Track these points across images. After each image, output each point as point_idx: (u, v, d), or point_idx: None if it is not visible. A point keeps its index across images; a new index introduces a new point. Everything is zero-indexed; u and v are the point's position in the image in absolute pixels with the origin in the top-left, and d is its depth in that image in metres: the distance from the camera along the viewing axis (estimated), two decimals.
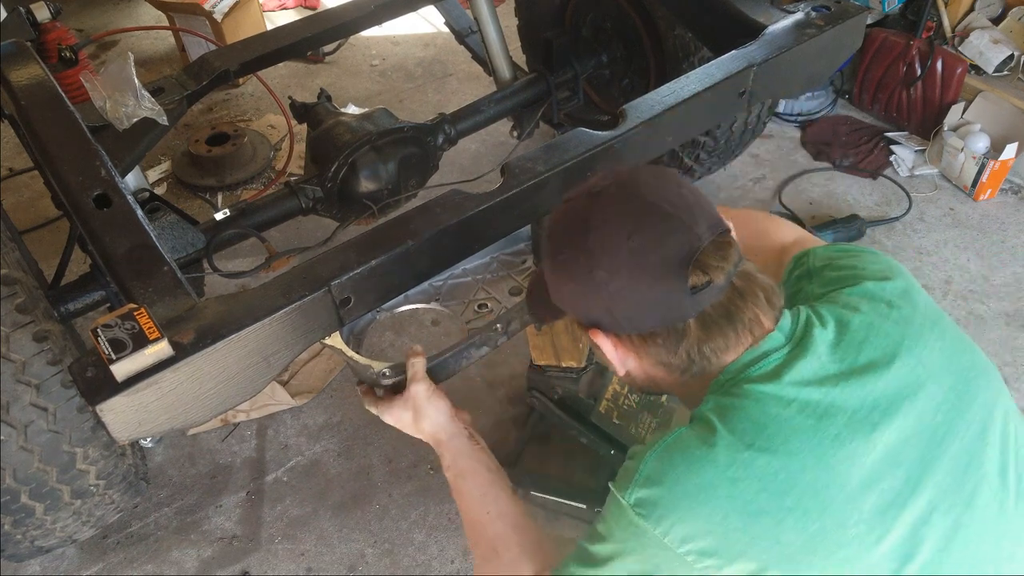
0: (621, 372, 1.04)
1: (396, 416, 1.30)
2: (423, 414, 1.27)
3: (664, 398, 1.85)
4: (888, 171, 2.89)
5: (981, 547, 0.92)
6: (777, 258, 1.24)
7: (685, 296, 0.91)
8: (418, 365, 1.28)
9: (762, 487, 0.87)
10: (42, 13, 2.40)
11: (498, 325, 1.43)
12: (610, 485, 0.97)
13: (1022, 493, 0.95)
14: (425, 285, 1.61)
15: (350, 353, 1.38)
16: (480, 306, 1.57)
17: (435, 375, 1.33)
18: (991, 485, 0.93)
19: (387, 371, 1.34)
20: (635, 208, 0.93)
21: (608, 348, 1.00)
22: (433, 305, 1.61)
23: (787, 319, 0.97)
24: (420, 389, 1.27)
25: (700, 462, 0.90)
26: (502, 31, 2.30)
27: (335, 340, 1.40)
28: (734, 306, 0.94)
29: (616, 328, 0.98)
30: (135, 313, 1.12)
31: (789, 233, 1.33)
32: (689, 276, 0.90)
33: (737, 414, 0.91)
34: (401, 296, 1.58)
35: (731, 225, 0.97)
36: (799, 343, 0.95)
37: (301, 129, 2.30)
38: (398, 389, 1.33)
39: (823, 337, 0.95)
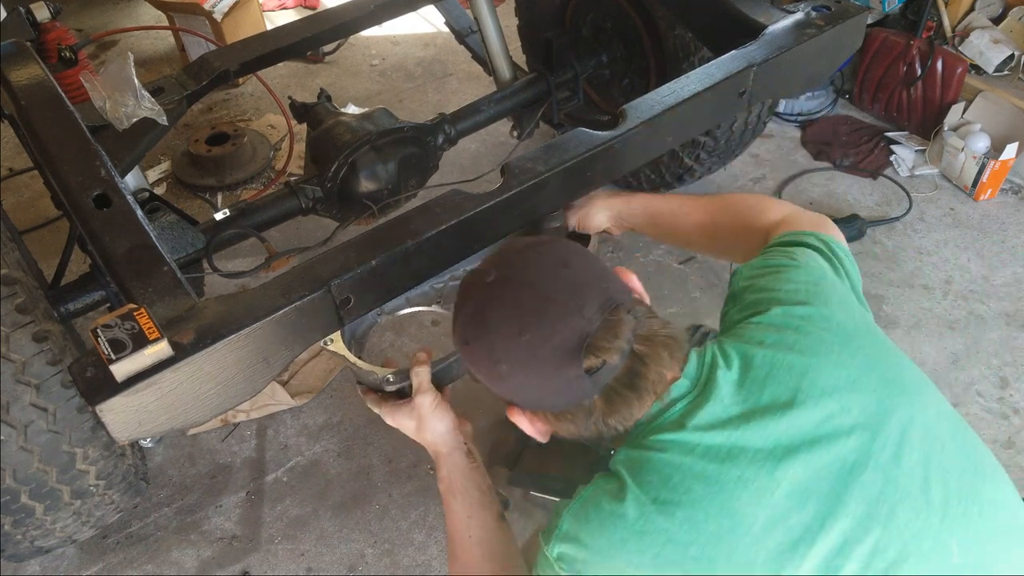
0: (543, 439, 1.08)
1: (399, 421, 1.31)
2: (426, 425, 1.28)
3: None
4: (888, 171, 2.89)
5: (909, 565, 0.89)
6: (763, 242, 1.23)
7: (583, 379, 0.94)
8: (423, 375, 1.28)
9: (668, 539, 0.89)
10: (42, 13, 2.40)
11: None
12: (539, 536, 1.01)
13: (949, 504, 0.92)
14: (426, 287, 1.60)
15: (353, 359, 1.38)
16: None
17: (438, 380, 1.33)
18: (913, 504, 0.90)
19: (391, 377, 1.34)
20: (524, 300, 0.96)
21: (525, 425, 1.05)
22: (434, 307, 1.61)
23: (693, 363, 0.99)
24: (426, 400, 1.27)
25: (611, 518, 0.93)
26: (502, 31, 2.30)
27: (338, 346, 1.40)
28: (635, 374, 0.96)
29: (530, 407, 1.03)
30: (135, 313, 1.12)
31: (775, 212, 1.30)
32: (583, 361, 0.93)
33: (644, 467, 0.94)
34: (402, 298, 1.58)
35: (634, 286, 1.01)
36: (704, 388, 0.97)
37: (301, 129, 2.30)
38: (403, 394, 1.33)
39: (726, 379, 0.96)
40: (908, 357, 1.04)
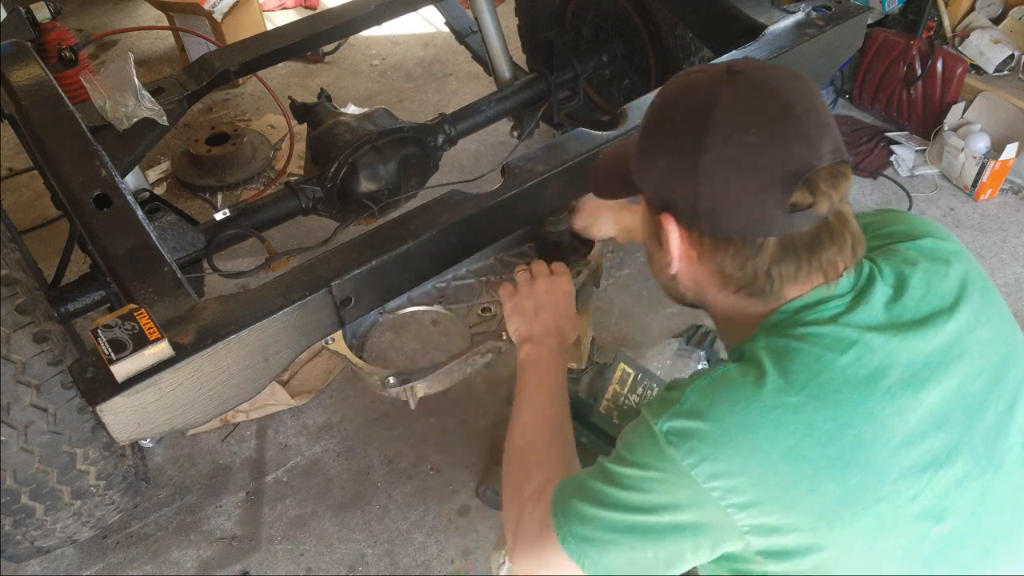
0: (672, 270, 0.98)
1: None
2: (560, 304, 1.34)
3: None
4: (888, 171, 2.89)
5: (1005, 515, 0.92)
6: None
7: (780, 211, 0.85)
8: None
9: (807, 434, 0.84)
10: (42, 13, 2.40)
11: (504, 333, 1.44)
12: (642, 410, 0.93)
13: None
14: (428, 287, 1.61)
15: (354, 359, 1.39)
16: (484, 309, 1.57)
17: (439, 382, 1.34)
18: (1017, 456, 0.93)
19: (391, 379, 1.34)
20: (768, 103, 0.87)
21: (674, 239, 0.94)
22: (436, 308, 1.61)
23: (851, 271, 0.93)
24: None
25: (746, 401, 0.86)
26: (502, 31, 2.30)
27: (339, 345, 1.41)
28: (819, 242, 0.88)
29: (692, 221, 0.91)
30: (135, 313, 1.12)
31: None
32: (794, 192, 0.84)
33: (791, 356, 0.88)
34: (404, 298, 1.58)
35: (850, 158, 0.92)
36: (859, 295, 0.92)
37: (301, 129, 2.30)
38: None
39: (882, 292, 0.92)
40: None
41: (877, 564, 0.88)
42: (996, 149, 2.69)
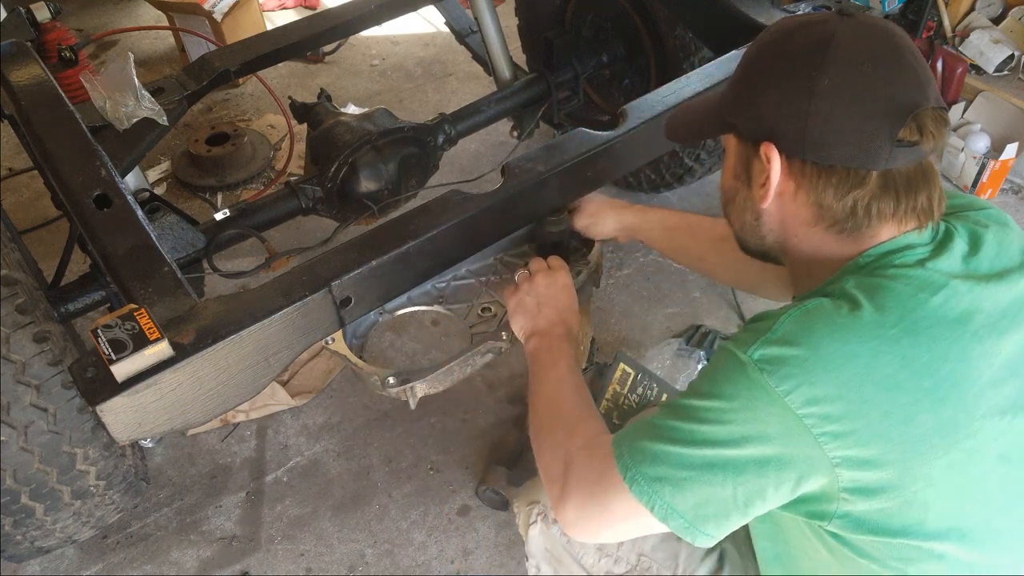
0: (764, 203, 0.98)
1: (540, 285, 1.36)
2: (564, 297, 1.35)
3: (665, 397, 1.85)
4: None
5: None
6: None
7: (887, 144, 0.89)
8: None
9: (904, 365, 0.85)
10: (42, 13, 2.40)
11: (504, 333, 1.44)
12: (726, 345, 0.92)
13: None
14: (428, 287, 1.61)
15: (354, 359, 1.39)
16: (484, 309, 1.57)
17: (439, 382, 1.34)
18: None
19: (391, 379, 1.35)
20: (883, 42, 0.91)
21: (775, 167, 0.95)
22: (436, 307, 1.61)
23: (930, 226, 0.96)
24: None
25: (843, 330, 0.87)
26: (502, 31, 2.30)
27: (339, 345, 1.41)
28: (916, 183, 0.92)
29: (796, 150, 0.93)
30: (135, 313, 1.12)
31: None
32: (903, 126, 0.88)
33: (885, 293, 0.89)
34: (404, 298, 1.59)
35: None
36: (939, 246, 0.95)
37: (301, 129, 2.30)
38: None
39: (959, 247, 0.95)
40: None
41: (960, 507, 0.88)
42: (996, 149, 2.69)
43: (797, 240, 1.00)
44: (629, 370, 1.69)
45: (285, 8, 4.03)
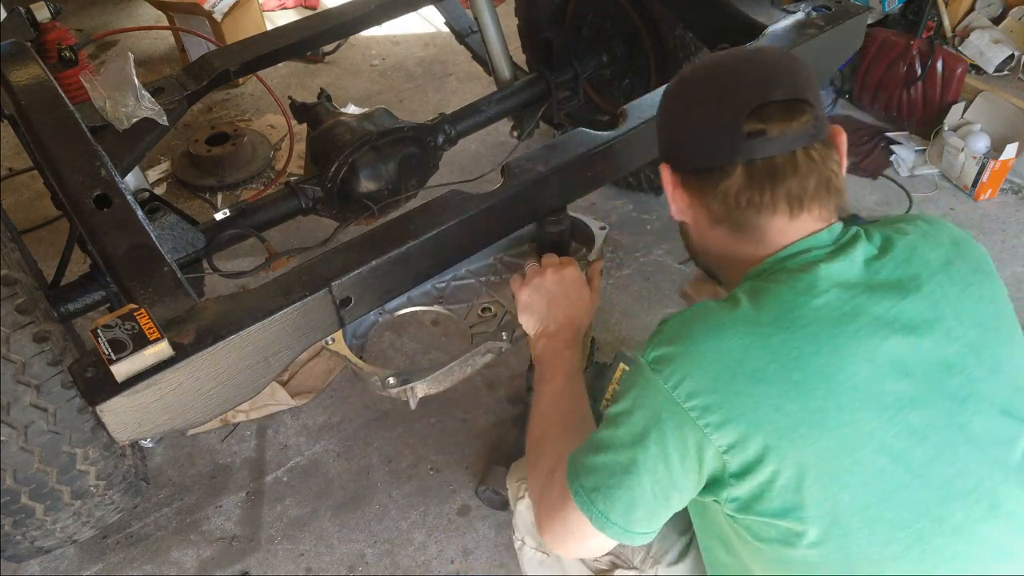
0: (673, 214, 1.10)
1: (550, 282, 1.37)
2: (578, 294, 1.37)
3: None
4: (888, 171, 2.89)
5: (968, 476, 0.94)
6: None
7: (737, 137, 0.96)
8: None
9: (773, 359, 0.91)
10: (42, 13, 2.40)
11: (504, 334, 1.44)
12: (634, 352, 1.01)
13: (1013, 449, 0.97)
14: (428, 287, 1.61)
15: (354, 359, 1.39)
16: (484, 309, 1.57)
17: (439, 382, 1.34)
18: (991, 420, 0.95)
19: (391, 379, 1.34)
20: (737, 56, 1.04)
21: (667, 180, 1.07)
22: (436, 307, 1.61)
23: (838, 228, 1.02)
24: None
25: (718, 327, 0.94)
26: (502, 31, 2.30)
27: (339, 345, 1.41)
28: (784, 170, 0.97)
29: (675, 163, 1.06)
30: (135, 313, 1.12)
31: None
32: (745, 120, 0.95)
33: (766, 294, 0.96)
34: (404, 298, 1.59)
35: (838, 142, 1.02)
36: (840, 249, 0.99)
37: (301, 129, 2.30)
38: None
39: (864, 250, 0.99)
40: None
41: (836, 493, 0.91)
42: (996, 149, 2.69)
43: (711, 245, 1.08)
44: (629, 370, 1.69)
45: (285, 8, 4.03)
